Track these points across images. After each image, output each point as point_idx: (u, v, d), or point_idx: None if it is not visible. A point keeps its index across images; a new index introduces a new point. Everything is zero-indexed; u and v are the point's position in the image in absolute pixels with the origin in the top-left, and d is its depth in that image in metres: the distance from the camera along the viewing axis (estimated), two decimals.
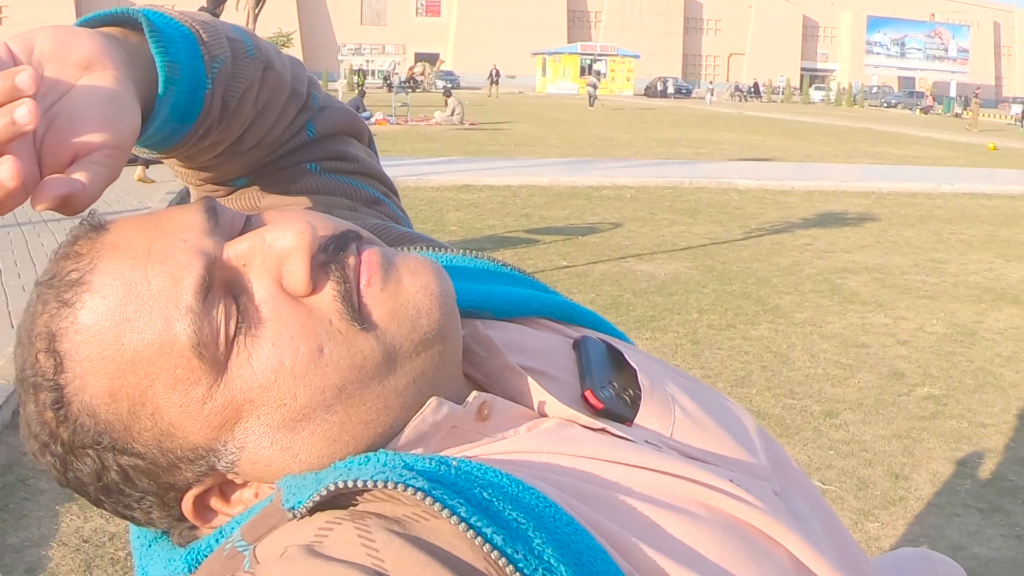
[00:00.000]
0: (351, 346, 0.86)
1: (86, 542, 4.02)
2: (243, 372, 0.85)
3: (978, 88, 45.78)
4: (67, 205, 0.80)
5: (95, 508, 4.14)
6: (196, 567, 0.91)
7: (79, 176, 0.81)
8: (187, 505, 0.91)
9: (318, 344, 0.85)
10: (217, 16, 8.72)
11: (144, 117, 0.95)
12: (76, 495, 3.75)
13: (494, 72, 69.58)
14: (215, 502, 0.92)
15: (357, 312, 0.87)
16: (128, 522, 0.98)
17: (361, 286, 0.88)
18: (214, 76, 1.06)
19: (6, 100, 0.77)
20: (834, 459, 5.19)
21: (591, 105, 52.82)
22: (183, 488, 0.90)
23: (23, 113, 0.76)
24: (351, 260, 0.89)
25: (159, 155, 1.14)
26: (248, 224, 0.93)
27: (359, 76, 48.83)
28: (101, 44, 0.88)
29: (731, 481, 0.93)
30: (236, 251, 0.88)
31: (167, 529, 0.97)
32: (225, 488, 0.92)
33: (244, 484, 0.92)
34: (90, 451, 0.87)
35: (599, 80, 69.00)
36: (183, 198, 13.26)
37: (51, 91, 0.83)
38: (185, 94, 1.02)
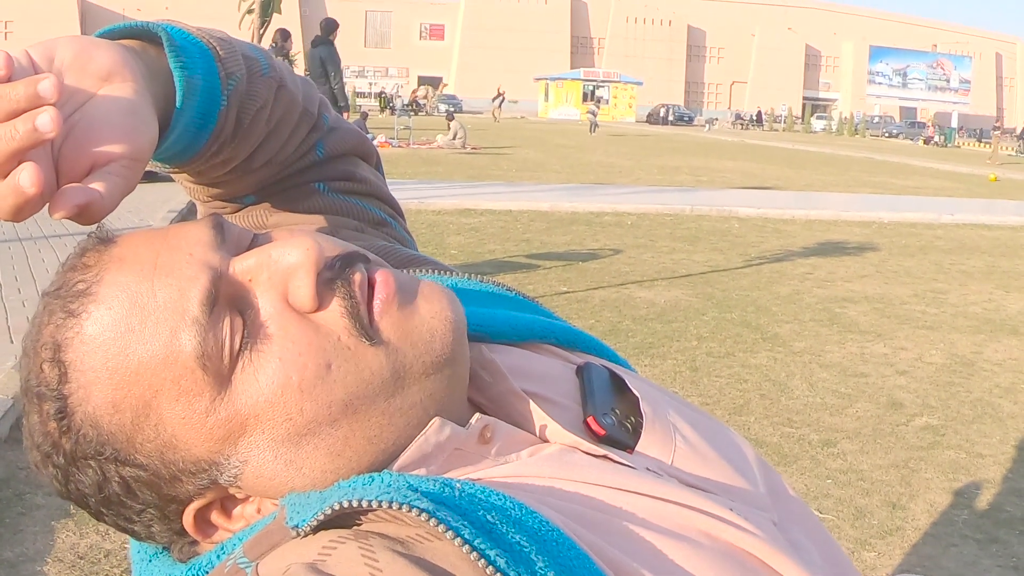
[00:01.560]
0: (359, 362, 0.87)
1: (81, 559, 4.01)
2: (249, 387, 0.85)
3: (998, 121, 45.37)
4: (84, 214, 0.81)
5: (91, 525, 4.14)
6: None
7: (97, 186, 0.81)
8: (188, 519, 0.92)
9: (326, 360, 0.86)
10: (287, 51, 8.91)
11: (160, 130, 0.95)
12: (72, 511, 3.73)
13: (501, 94, 69.45)
14: (216, 516, 0.93)
15: (365, 328, 0.87)
16: (128, 536, 0.98)
17: (376, 305, 0.89)
18: (229, 93, 1.07)
19: (28, 107, 0.78)
20: (831, 488, 5.18)
21: (592, 132, 52.89)
22: (184, 501, 0.91)
23: (45, 120, 0.77)
24: (357, 277, 0.89)
25: (171, 170, 1.15)
26: (255, 242, 0.94)
27: (381, 100, 48.34)
28: (120, 55, 0.89)
29: (731, 510, 0.94)
30: (243, 267, 0.89)
31: (168, 544, 0.97)
32: (227, 503, 0.92)
33: (246, 499, 0.92)
34: (92, 462, 0.88)
35: (599, 107, 68.78)
36: (185, 216, 13.26)
37: (70, 100, 0.84)
38: (201, 109, 1.03)
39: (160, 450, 0.87)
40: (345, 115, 15.95)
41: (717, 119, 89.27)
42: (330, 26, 15.19)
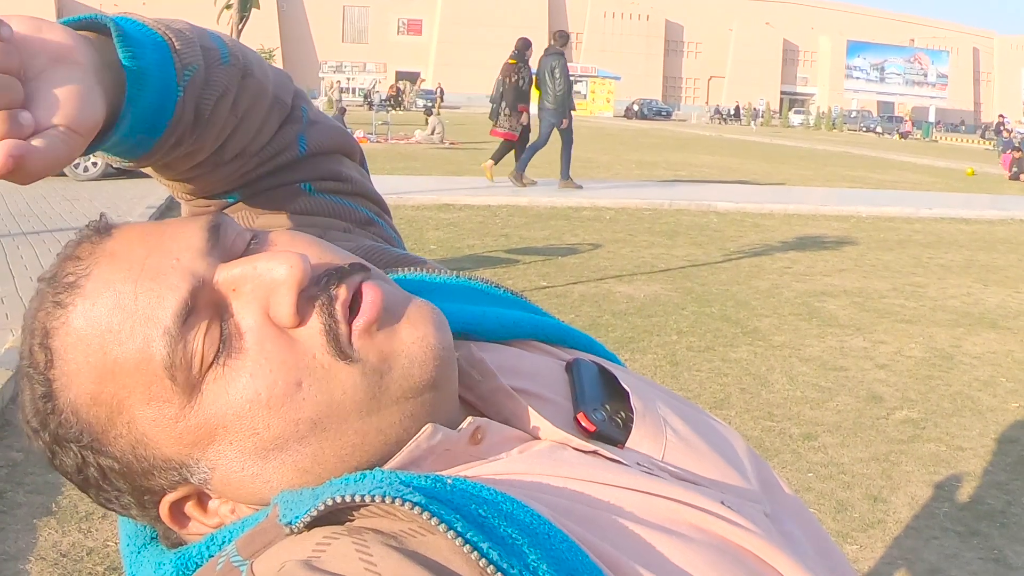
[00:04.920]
0: (331, 382, 0.87)
1: (64, 556, 4.00)
2: (218, 398, 0.86)
3: (1001, 116, 44.90)
4: (19, 169, 0.80)
5: (73, 523, 4.15)
6: (186, 574, 0.92)
7: (35, 143, 0.81)
8: (163, 510, 0.93)
9: (297, 378, 0.86)
10: (527, 58, 9.61)
11: (112, 123, 0.96)
12: (54, 509, 3.73)
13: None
14: (191, 509, 0.94)
15: (342, 348, 0.87)
16: (116, 532, 0.99)
17: (355, 326, 0.88)
18: (186, 84, 1.07)
19: None
20: (813, 481, 5.20)
21: None
22: (159, 493, 0.92)
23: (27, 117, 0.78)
24: (341, 294, 0.89)
25: (132, 164, 1.14)
26: (252, 244, 0.94)
27: (367, 98, 47.26)
28: (73, 40, 0.90)
29: (722, 503, 0.94)
30: (227, 276, 0.89)
31: (150, 525, 0.99)
32: (202, 497, 0.93)
33: (221, 499, 0.93)
34: (72, 446, 0.90)
35: None
36: (163, 212, 13.22)
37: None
38: (154, 101, 1.03)
39: (132, 446, 0.89)
40: (565, 121, 17.40)
41: (759, 113, 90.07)
42: (563, 38, 17.55)
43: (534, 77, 17.65)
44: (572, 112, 17.93)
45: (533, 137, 18.09)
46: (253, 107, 1.20)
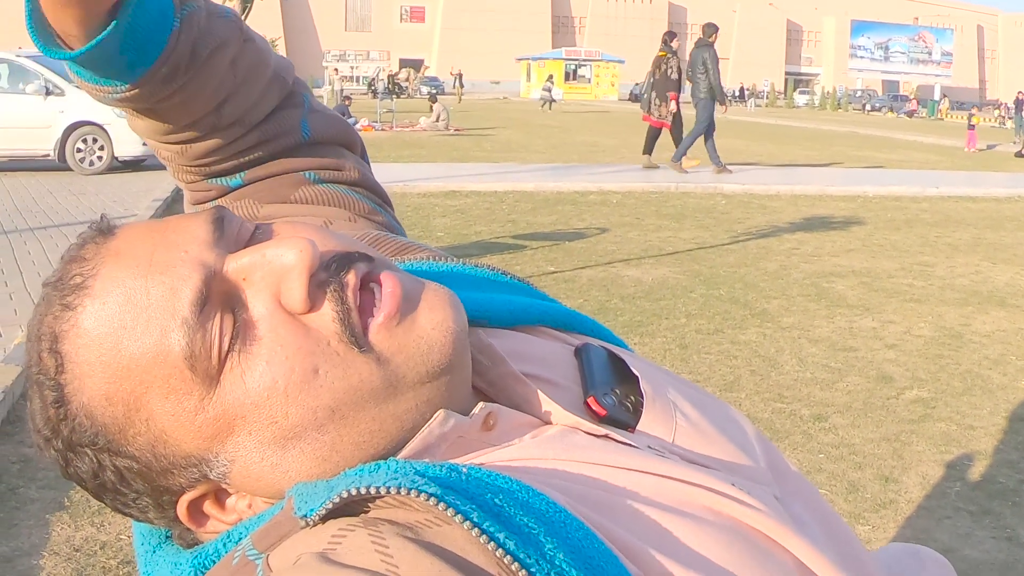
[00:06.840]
0: (348, 368, 0.86)
1: (77, 551, 4.01)
2: (236, 388, 0.85)
3: (1020, 93, 44.20)
4: None
5: (86, 517, 4.15)
6: (203, 572, 0.91)
7: None
8: (181, 509, 0.93)
9: (313, 365, 0.86)
10: (675, 49, 10.10)
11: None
12: (66, 504, 3.74)
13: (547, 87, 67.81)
14: (209, 507, 0.93)
15: (356, 336, 0.87)
16: (127, 527, 0.99)
17: (376, 320, 0.88)
18: (183, 18, 1.09)
19: None
20: (824, 463, 5.19)
21: (549, 108, 53.02)
22: (177, 492, 0.91)
23: None
24: (351, 280, 0.89)
25: (127, 91, 1.13)
26: (255, 235, 0.94)
27: (370, 86, 46.40)
28: None
29: (733, 485, 0.94)
30: (237, 265, 0.89)
31: (167, 527, 0.99)
32: (220, 494, 0.93)
33: (238, 493, 0.92)
34: (88, 450, 0.89)
35: (552, 83, 67.84)
36: (169, 205, 13.22)
37: None
38: (148, 23, 1.05)
39: (151, 443, 0.88)
40: (723, 108, 19.02)
41: (762, 93, 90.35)
42: (710, 30, 18.90)
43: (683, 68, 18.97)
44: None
45: (687, 126, 19.37)
46: (254, 73, 1.22)
